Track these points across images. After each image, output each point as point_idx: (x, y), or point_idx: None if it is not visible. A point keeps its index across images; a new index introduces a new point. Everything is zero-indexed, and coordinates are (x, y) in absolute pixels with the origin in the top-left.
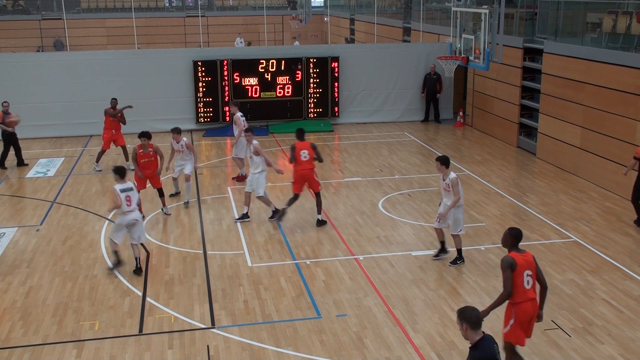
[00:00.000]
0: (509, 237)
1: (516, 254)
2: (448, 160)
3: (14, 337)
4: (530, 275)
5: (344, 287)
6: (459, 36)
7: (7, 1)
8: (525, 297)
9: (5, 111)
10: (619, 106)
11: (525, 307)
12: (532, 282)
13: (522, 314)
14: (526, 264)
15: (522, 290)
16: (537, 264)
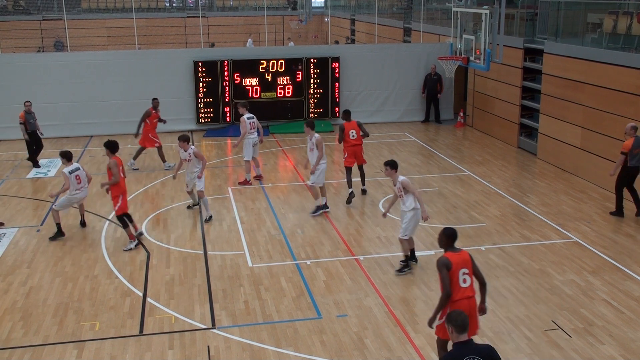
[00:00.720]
0: (443, 237)
1: (451, 253)
2: (396, 163)
3: (14, 337)
4: (466, 273)
5: (345, 288)
6: (460, 36)
7: (7, 1)
8: (461, 295)
9: (28, 111)
10: (620, 106)
11: (461, 304)
12: (469, 280)
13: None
14: (462, 262)
15: (457, 288)
16: (473, 262)
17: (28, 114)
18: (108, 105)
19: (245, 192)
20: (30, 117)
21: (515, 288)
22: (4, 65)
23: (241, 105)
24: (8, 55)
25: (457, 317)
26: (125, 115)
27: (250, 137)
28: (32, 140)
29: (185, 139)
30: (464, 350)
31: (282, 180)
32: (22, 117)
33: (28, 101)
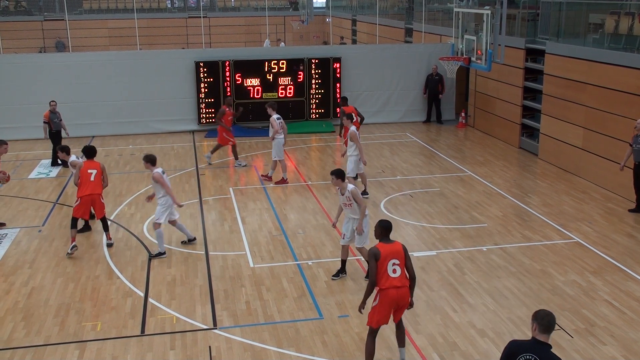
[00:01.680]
0: (378, 228)
1: (382, 244)
2: (343, 173)
3: (16, 337)
4: (397, 264)
5: (346, 288)
6: (461, 37)
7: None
8: (389, 284)
9: (53, 110)
10: (621, 107)
11: (389, 292)
12: (399, 271)
13: (384, 299)
14: (392, 253)
15: (386, 277)
16: (406, 254)
17: (53, 113)
18: (109, 105)
19: (247, 193)
20: (54, 117)
21: (517, 288)
22: (6, 66)
23: (269, 105)
24: (10, 55)
25: (544, 316)
26: (127, 116)
27: (279, 137)
28: (56, 140)
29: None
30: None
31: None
32: (47, 117)
33: (53, 101)
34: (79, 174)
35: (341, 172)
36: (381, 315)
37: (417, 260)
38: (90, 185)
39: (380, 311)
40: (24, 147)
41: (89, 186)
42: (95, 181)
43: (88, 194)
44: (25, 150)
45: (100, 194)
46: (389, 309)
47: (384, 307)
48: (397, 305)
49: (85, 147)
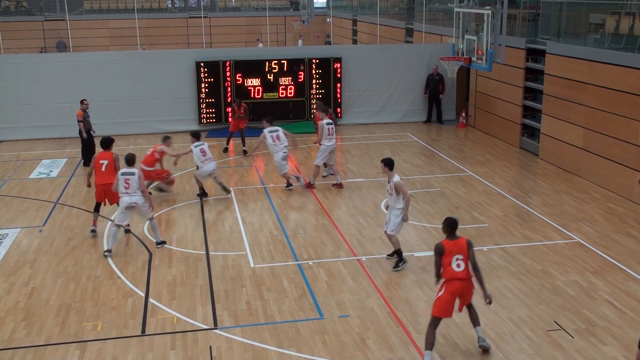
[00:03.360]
0: (444, 225)
1: (447, 240)
2: (391, 162)
3: (16, 337)
4: (460, 259)
5: (347, 288)
6: (462, 37)
7: (10, 2)
8: (453, 277)
9: (85, 109)
10: (622, 107)
11: (453, 284)
12: (463, 265)
13: (448, 290)
14: (456, 249)
15: (450, 271)
16: (470, 250)
17: (85, 112)
18: (110, 105)
19: (247, 193)
20: (87, 115)
21: (518, 289)
22: (7, 66)
23: (321, 110)
24: (10, 55)
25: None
26: (127, 116)
27: (328, 143)
28: (89, 139)
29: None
30: None
31: (284, 180)
32: (80, 115)
33: (85, 99)
34: (93, 163)
35: (390, 161)
36: (444, 305)
37: (417, 261)
38: (100, 175)
39: (444, 301)
40: (25, 147)
41: (99, 176)
42: (106, 171)
43: (98, 183)
44: (26, 150)
45: (112, 183)
46: (452, 299)
47: (447, 298)
48: (460, 295)
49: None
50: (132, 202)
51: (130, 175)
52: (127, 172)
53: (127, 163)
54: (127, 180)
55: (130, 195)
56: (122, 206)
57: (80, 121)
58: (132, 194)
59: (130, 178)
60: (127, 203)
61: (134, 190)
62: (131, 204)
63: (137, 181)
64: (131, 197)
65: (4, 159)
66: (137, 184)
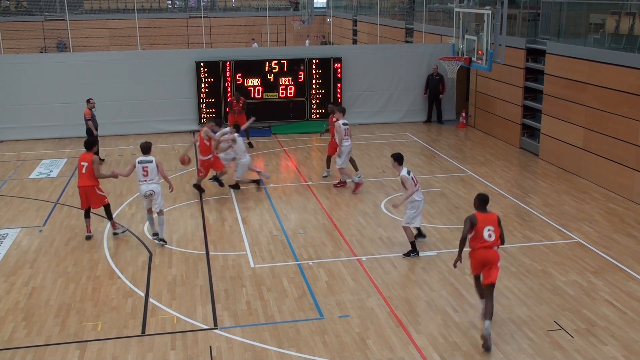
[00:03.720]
0: (476, 200)
1: (479, 213)
2: (400, 157)
3: (17, 337)
4: (491, 230)
5: (347, 288)
6: (462, 37)
7: (10, 2)
8: (481, 245)
9: (91, 108)
10: (622, 107)
11: (480, 252)
12: (494, 236)
13: (478, 257)
14: (487, 221)
15: (481, 240)
16: (499, 223)
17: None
18: (110, 105)
19: (247, 193)
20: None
21: (518, 289)
22: (7, 66)
23: (338, 110)
24: (10, 55)
25: None
26: (127, 116)
27: (345, 143)
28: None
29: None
30: None
31: (284, 180)
32: (88, 114)
33: (91, 98)
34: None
35: (398, 155)
36: (480, 268)
37: (417, 261)
38: (81, 177)
39: (479, 266)
40: (25, 147)
41: (80, 178)
42: (86, 173)
43: (79, 185)
44: (26, 150)
45: (93, 185)
46: (481, 265)
47: (480, 263)
48: (487, 262)
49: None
50: (149, 190)
51: (148, 163)
52: (144, 160)
53: (143, 151)
54: (144, 167)
55: (147, 183)
56: (140, 194)
57: (89, 119)
58: (149, 181)
59: (149, 166)
60: (145, 191)
61: (151, 178)
62: (148, 192)
63: (155, 168)
64: (148, 185)
65: (4, 159)
66: (156, 171)
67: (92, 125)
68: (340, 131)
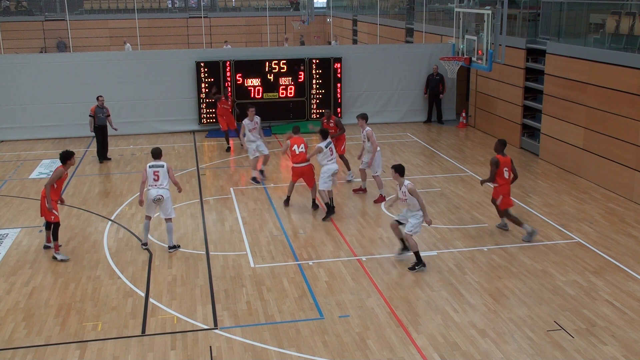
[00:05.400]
0: (498, 144)
1: (500, 156)
2: (401, 168)
3: (17, 337)
4: (507, 170)
5: (347, 288)
6: (462, 37)
7: (10, 2)
8: (504, 182)
9: (101, 105)
10: (622, 107)
11: (503, 188)
12: (509, 174)
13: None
14: (505, 163)
15: (502, 177)
16: (512, 163)
17: (100, 108)
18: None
19: (247, 193)
20: (100, 112)
21: (518, 289)
22: (7, 66)
23: (361, 117)
24: (11, 55)
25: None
26: (128, 116)
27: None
28: (99, 135)
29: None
30: None
31: (284, 180)
32: (92, 111)
33: (101, 95)
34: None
35: (400, 167)
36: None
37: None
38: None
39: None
40: (25, 147)
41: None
42: None
43: None
44: (26, 150)
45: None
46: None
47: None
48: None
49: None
50: (158, 195)
51: (159, 168)
52: (155, 164)
53: (155, 156)
54: (156, 172)
55: (157, 187)
56: (149, 199)
57: (91, 116)
58: (159, 186)
59: (160, 170)
60: (155, 196)
61: (161, 183)
62: (158, 197)
63: (166, 173)
64: (158, 190)
65: (4, 159)
66: (167, 177)
67: (91, 122)
68: (374, 139)
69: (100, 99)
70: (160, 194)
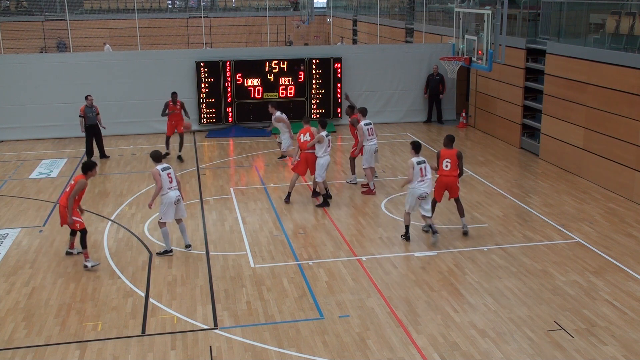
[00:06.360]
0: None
1: (444, 149)
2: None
3: (17, 337)
4: (448, 162)
5: (347, 288)
6: (462, 37)
7: (10, 2)
8: (441, 173)
9: (90, 105)
10: (622, 107)
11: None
12: (450, 166)
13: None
14: (446, 155)
15: (441, 168)
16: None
17: (89, 107)
18: (110, 105)
19: (247, 193)
20: (90, 111)
21: (518, 289)
22: (7, 66)
23: (359, 111)
24: (11, 55)
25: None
26: (128, 116)
27: (369, 143)
28: (90, 134)
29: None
30: None
31: (284, 180)
32: (82, 111)
33: (90, 95)
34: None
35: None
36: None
37: (417, 261)
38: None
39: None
40: (25, 147)
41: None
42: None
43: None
44: (26, 150)
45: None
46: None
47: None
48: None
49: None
50: (178, 195)
51: (169, 169)
52: (165, 167)
53: (158, 160)
54: (169, 174)
55: (174, 189)
56: (170, 201)
57: (81, 116)
58: (174, 187)
59: (170, 172)
60: (175, 197)
61: (175, 184)
62: (178, 197)
63: (174, 174)
64: (175, 191)
65: (4, 159)
66: (175, 177)
67: (82, 122)
68: (362, 133)
69: (90, 99)
70: (179, 194)
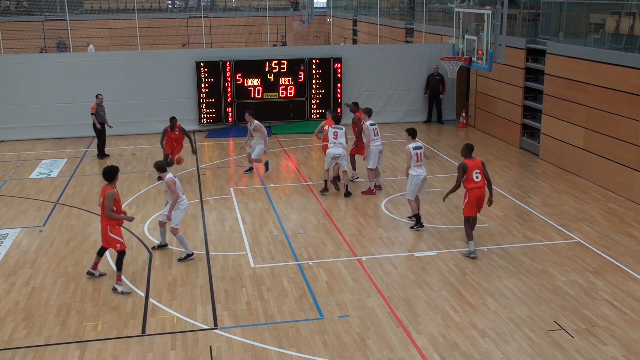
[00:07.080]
0: (464, 149)
1: (468, 160)
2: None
3: (17, 337)
4: (478, 172)
5: (347, 288)
6: (462, 37)
7: (10, 2)
8: (474, 186)
9: (99, 104)
10: (622, 107)
11: (474, 192)
12: (480, 177)
13: (472, 196)
14: (475, 166)
15: (472, 181)
16: (484, 166)
17: (100, 106)
18: (110, 105)
19: (248, 193)
20: (101, 109)
21: (518, 289)
22: (7, 66)
23: (364, 111)
24: (11, 55)
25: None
26: (128, 116)
27: (375, 144)
28: (101, 133)
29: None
30: None
31: (284, 180)
32: (94, 108)
33: (100, 94)
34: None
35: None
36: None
37: (417, 261)
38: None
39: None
40: (25, 147)
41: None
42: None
43: None
44: (26, 150)
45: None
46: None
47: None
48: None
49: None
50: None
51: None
52: (174, 176)
53: (164, 170)
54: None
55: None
56: (185, 207)
57: (93, 114)
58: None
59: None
60: (187, 203)
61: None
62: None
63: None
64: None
65: (4, 159)
66: None
67: (95, 120)
68: (368, 133)
69: (100, 97)
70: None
